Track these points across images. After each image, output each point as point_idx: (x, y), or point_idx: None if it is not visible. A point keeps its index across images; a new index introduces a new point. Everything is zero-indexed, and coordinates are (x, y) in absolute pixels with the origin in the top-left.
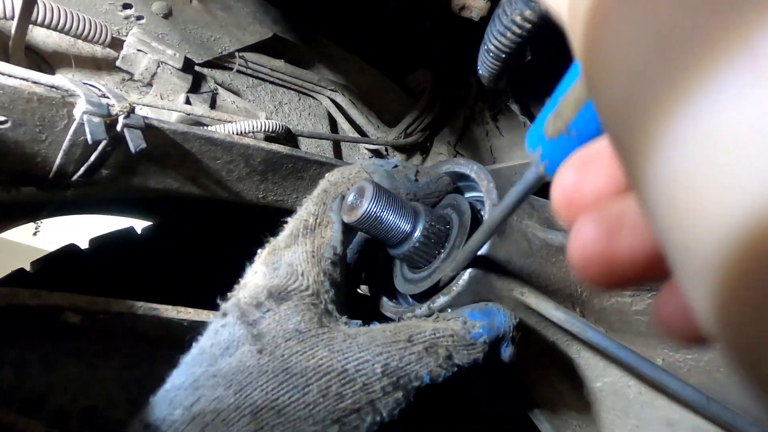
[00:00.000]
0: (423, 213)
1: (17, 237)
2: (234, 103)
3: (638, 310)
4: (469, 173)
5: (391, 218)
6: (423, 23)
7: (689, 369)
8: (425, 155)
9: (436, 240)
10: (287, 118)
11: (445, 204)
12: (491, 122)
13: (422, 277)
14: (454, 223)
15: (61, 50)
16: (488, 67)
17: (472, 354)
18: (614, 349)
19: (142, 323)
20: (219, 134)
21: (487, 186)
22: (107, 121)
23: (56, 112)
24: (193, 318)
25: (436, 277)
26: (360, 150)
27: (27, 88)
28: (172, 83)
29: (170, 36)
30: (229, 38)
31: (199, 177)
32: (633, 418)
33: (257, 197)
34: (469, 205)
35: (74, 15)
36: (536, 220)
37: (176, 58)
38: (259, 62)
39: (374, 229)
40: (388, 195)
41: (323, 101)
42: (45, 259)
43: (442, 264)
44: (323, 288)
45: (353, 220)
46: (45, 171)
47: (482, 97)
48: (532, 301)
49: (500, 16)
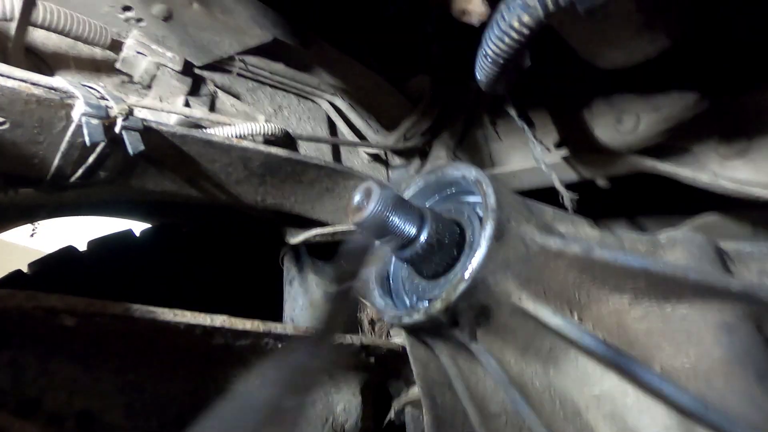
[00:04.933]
0: (429, 218)
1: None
2: (233, 106)
3: (636, 316)
4: (468, 177)
5: (396, 221)
6: (423, 28)
7: (687, 376)
8: (424, 159)
9: (440, 245)
10: (286, 121)
11: (454, 213)
12: (490, 127)
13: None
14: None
15: (61, 52)
16: (486, 72)
17: None
18: (612, 356)
19: (138, 326)
20: (218, 137)
21: (486, 191)
22: (106, 123)
23: (55, 113)
24: (189, 321)
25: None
26: (359, 154)
27: (26, 89)
28: (171, 86)
29: (170, 38)
30: (229, 41)
31: (197, 180)
32: (631, 426)
33: (256, 200)
34: (475, 215)
35: (74, 17)
36: (534, 225)
37: (176, 61)
38: (259, 65)
39: (379, 230)
40: (395, 197)
41: (322, 105)
42: (42, 261)
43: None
44: None
45: (358, 221)
46: (43, 172)
47: (481, 102)
48: (530, 307)
49: (498, 21)
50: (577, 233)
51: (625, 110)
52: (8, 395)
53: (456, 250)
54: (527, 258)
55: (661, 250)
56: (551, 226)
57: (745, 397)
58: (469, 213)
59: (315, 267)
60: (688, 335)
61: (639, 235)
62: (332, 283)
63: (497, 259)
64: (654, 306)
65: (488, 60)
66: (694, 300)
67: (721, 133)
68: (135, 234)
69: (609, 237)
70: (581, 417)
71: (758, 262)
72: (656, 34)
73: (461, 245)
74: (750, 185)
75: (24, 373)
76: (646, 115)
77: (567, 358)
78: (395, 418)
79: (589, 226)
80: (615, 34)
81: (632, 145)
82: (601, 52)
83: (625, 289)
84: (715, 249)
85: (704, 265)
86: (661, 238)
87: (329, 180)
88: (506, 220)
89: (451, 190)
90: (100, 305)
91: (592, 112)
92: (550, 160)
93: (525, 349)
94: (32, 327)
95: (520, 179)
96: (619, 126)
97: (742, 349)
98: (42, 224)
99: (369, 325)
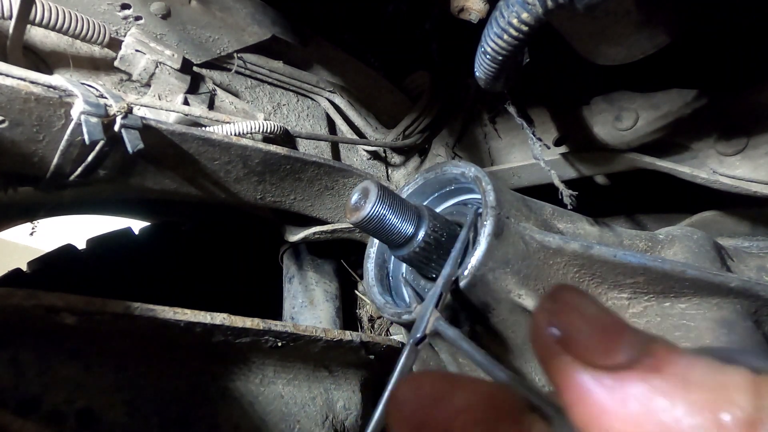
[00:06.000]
0: (427, 217)
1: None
2: (232, 104)
3: (635, 312)
4: (467, 175)
5: (394, 220)
6: (422, 25)
7: None
8: (423, 157)
9: (438, 244)
10: (285, 119)
11: (449, 209)
12: (489, 124)
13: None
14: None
15: (59, 50)
16: (485, 70)
17: None
18: None
19: (138, 324)
20: (217, 135)
21: (485, 188)
22: (105, 122)
23: (54, 112)
24: (189, 319)
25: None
26: (358, 151)
27: (24, 87)
28: (170, 84)
29: (169, 36)
30: (227, 39)
31: (196, 178)
32: None
33: (255, 198)
34: (473, 212)
35: (72, 15)
36: (533, 222)
37: (174, 59)
38: (258, 63)
39: (377, 230)
40: (393, 197)
41: (321, 102)
42: (42, 260)
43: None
44: None
45: (356, 221)
46: (42, 171)
47: (481, 100)
48: (530, 304)
49: (497, 18)
50: (576, 230)
51: (624, 107)
52: (8, 394)
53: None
54: (526, 255)
55: (660, 246)
56: (550, 224)
57: None
58: (467, 210)
59: (314, 265)
60: (686, 331)
61: (638, 232)
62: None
63: (497, 257)
64: (653, 302)
65: (487, 57)
66: (693, 296)
67: (720, 131)
68: (134, 232)
69: (608, 234)
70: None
71: (757, 259)
72: (655, 30)
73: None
74: (748, 182)
75: (24, 371)
76: (645, 113)
77: None
78: None
79: (588, 223)
80: (614, 31)
81: (631, 143)
82: (599, 49)
83: (624, 286)
84: (713, 246)
85: (703, 262)
86: (660, 235)
87: (328, 178)
88: (505, 217)
89: (450, 188)
90: (99, 303)
91: (591, 110)
92: (550, 158)
93: (524, 345)
94: (32, 325)
95: (519, 176)
96: (618, 123)
97: (740, 345)
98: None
99: (369, 322)
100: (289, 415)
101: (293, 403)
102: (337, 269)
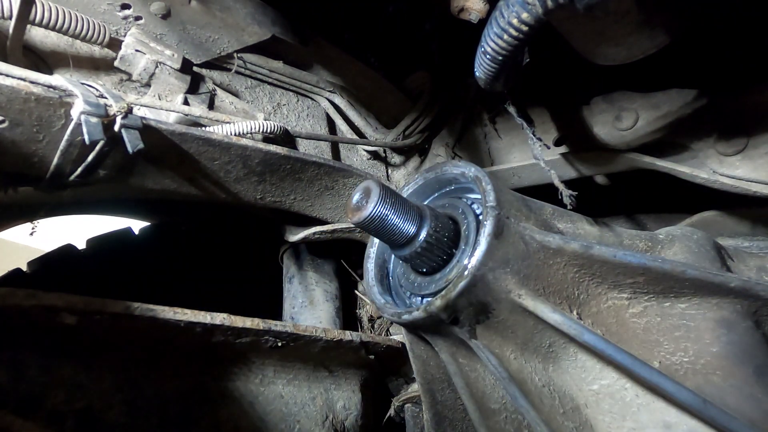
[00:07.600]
0: (429, 217)
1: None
2: (232, 104)
3: (635, 312)
4: (467, 175)
5: (396, 220)
6: (422, 25)
7: (686, 372)
8: (423, 157)
9: (439, 244)
10: (285, 119)
11: (449, 208)
12: (489, 124)
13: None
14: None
15: (59, 50)
16: (485, 70)
17: None
18: (611, 352)
19: (138, 324)
20: (217, 135)
21: (485, 188)
22: (105, 122)
23: (54, 112)
24: (189, 319)
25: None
26: (358, 151)
27: (24, 87)
28: (170, 84)
29: (169, 36)
30: (227, 39)
31: (196, 178)
32: (629, 421)
33: (255, 198)
34: (473, 213)
35: (72, 15)
36: (533, 222)
37: (174, 59)
38: (258, 63)
39: (378, 229)
40: (395, 196)
41: (321, 102)
42: (42, 260)
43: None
44: None
45: (358, 221)
46: (42, 171)
47: (481, 99)
48: (530, 304)
49: (497, 19)
50: (576, 230)
51: (624, 107)
52: (9, 394)
53: (451, 247)
54: (526, 255)
55: (660, 246)
56: (550, 224)
57: (744, 392)
58: (463, 208)
59: (314, 265)
60: (686, 331)
61: (638, 232)
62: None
63: (497, 257)
64: (653, 302)
65: (487, 57)
66: (693, 296)
67: (720, 131)
68: (134, 232)
69: (608, 234)
70: (580, 413)
71: (757, 259)
72: (655, 31)
73: (456, 241)
74: (748, 182)
75: (24, 371)
76: (645, 113)
77: (566, 355)
78: (395, 415)
79: (588, 223)
80: (614, 31)
81: (631, 143)
82: (599, 49)
83: (624, 286)
84: (713, 246)
85: (703, 262)
86: (660, 235)
87: (328, 178)
88: (505, 217)
89: (450, 188)
90: (99, 303)
91: (591, 110)
92: (549, 158)
93: (524, 345)
94: (32, 325)
95: (519, 176)
96: (618, 123)
97: (740, 345)
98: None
99: (369, 322)
100: (289, 415)
101: (293, 403)
102: (337, 269)
